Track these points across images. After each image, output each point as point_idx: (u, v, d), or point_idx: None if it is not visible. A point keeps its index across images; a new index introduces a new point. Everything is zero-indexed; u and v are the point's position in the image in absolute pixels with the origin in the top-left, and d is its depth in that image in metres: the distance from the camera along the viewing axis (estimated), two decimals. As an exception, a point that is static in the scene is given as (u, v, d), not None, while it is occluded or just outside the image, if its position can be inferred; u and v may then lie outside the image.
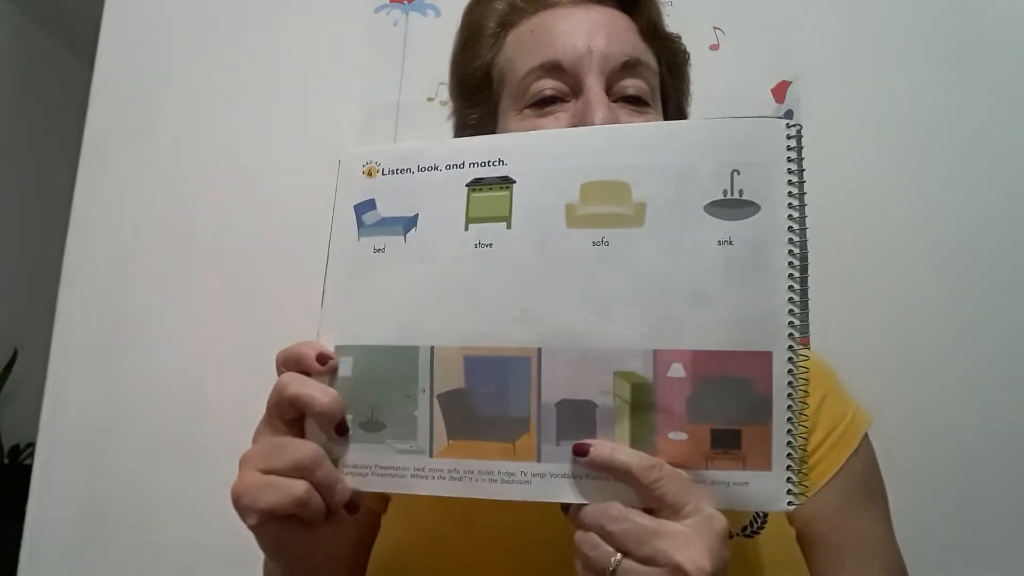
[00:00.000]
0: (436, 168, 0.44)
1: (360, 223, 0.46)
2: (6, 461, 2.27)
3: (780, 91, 0.96)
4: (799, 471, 0.38)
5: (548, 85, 0.55)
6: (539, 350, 0.40)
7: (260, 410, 0.92)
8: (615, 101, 0.54)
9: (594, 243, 0.41)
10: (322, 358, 0.45)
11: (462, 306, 0.42)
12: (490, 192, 0.43)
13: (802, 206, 0.39)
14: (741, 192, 0.40)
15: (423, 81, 0.99)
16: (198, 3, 1.03)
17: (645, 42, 0.58)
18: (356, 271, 0.46)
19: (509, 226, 0.42)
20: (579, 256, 0.41)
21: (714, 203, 0.40)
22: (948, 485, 0.85)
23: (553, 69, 0.55)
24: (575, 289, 0.40)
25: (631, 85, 0.55)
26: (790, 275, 0.39)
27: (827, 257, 0.90)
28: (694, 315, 0.39)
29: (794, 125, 0.40)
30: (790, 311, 0.39)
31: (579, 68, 0.54)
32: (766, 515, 0.51)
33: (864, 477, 0.56)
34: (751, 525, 0.51)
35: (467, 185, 0.43)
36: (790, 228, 0.39)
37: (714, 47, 0.98)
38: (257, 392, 0.94)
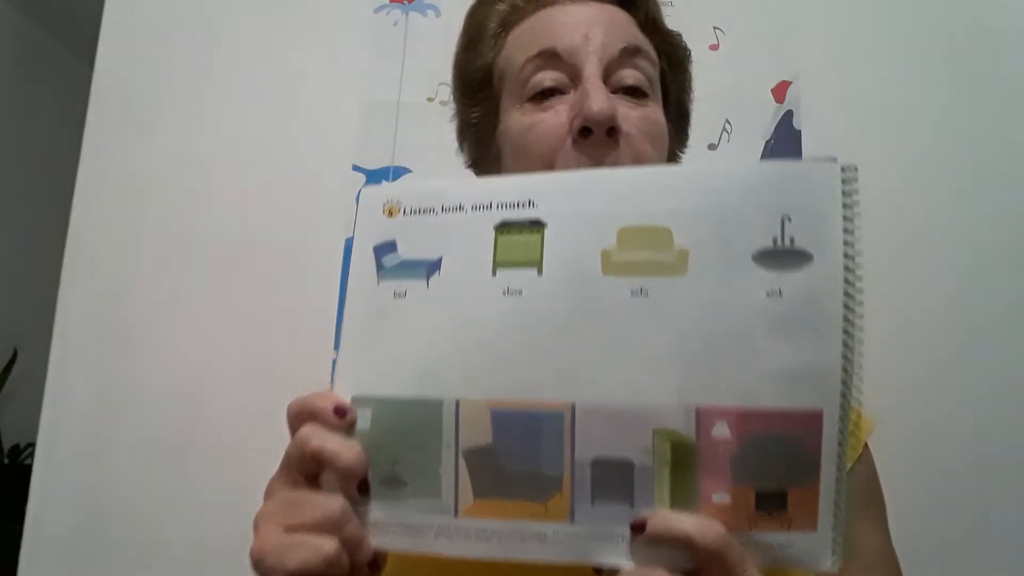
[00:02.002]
0: (461, 209, 0.41)
1: (380, 266, 0.42)
2: (6, 461, 2.27)
3: (780, 91, 0.96)
4: (842, 528, 0.36)
5: (547, 76, 0.54)
6: (573, 405, 0.38)
7: (260, 410, 0.92)
8: (614, 91, 0.54)
9: (632, 292, 0.38)
10: (340, 410, 0.41)
11: (489, 357, 0.39)
12: (520, 235, 0.40)
13: (857, 255, 0.36)
14: (792, 240, 0.37)
15: (423, 81, 0.99)
16: (198, 3, 1.03)
17: (644, 34, 0.57)
18: (374, 317, 0.42)
19: (540, 272, 0.39)
20: (616, 306, 0.38)
21: (763, 252, 0.37)
22: (947, 491, 0.85)
23: (551, 57, 0.54)
24: (612, 341, 0.38)
25: (630, 75, 0.54)
26: (844, 330, 0.36)
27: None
28: (740, 371, 0.36)
29: (850, 167, 0.38)
30: (843, 368, 0.36)
31: (577, 57, 0.53)
32: None
33: (866, 485, 0.56)
34: None
35: (495, 227, 0.40)
36: (846, 280, 0.36)
37: (714, 47, 0.98)
38: (256, 392, 0.95)
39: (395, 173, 0.97)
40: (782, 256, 0.37)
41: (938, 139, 0.94)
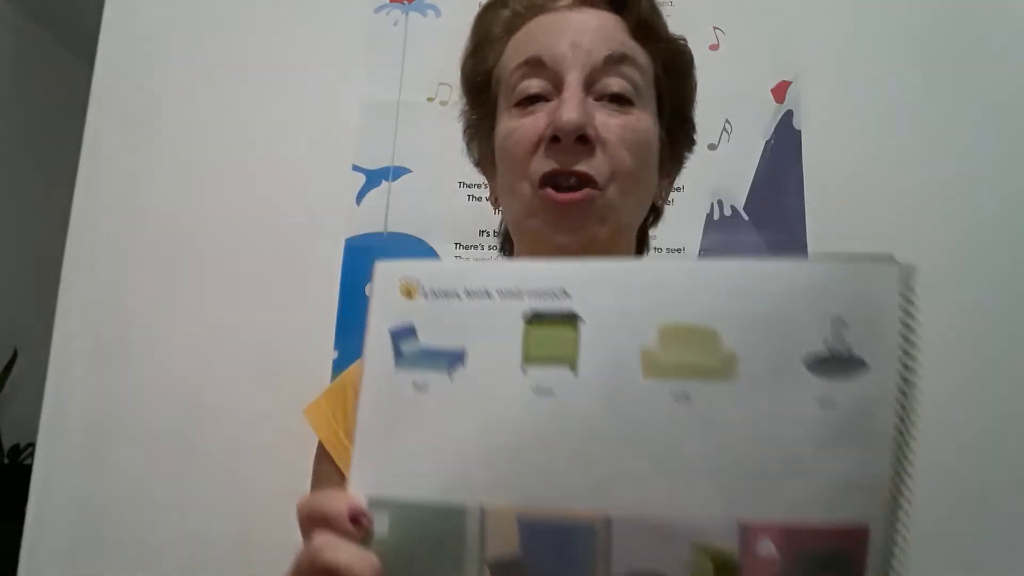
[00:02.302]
0: (487, 295, 0.38)
1: (397, 352, 0.39)
2: (6, 461, 2.27)
3: (780, 91, 0.96)
4: None
5: (532, 83, 0.55)
6: (608, 516, 0.35)
7: (260, 410, 0.93)
8: (598, 99, 0.54)
9: (675, 397, 0.35)
10: (355, 516, 0.38)
11: (518, 461, 0.36)
12: (552, 329, 0.37)
13: (914, 363, 0.34)
14: (849, 348, 0.34)
15: (423, 81, 0.99)
16: (198, 3, 1.03)
17: (636, 41, 0.58)
18: (393, 410, 0.39)
19: (575, 371, 0.36)
20: (657, 412, 0.35)
21: (816, 359, 0.35)
22: (947, 490, 0.85)
23: (536, 65, 0.55)
24: (651, 449, 0.35)
25: (614, 83, 0.55)
26: (897, 443, 0.34)
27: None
28: (787, 484, 0.34)
29: (909, 268, 0.35)
30: (893, 482, 0.34)
31: (560, 65, 0.54)
32: None
33: None
34: None
35: (524, 318, 0.37)
36: (901, 391, 0.34)
37: (714, 47, 0.99)
38: (256, 392, 0.95)
39: (395, 173, 0.97)
40: (836, 363, 0.35)
41: (938, 139, 0.94)
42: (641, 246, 0.68)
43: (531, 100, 0.55)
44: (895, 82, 0.96)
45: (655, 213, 0.67)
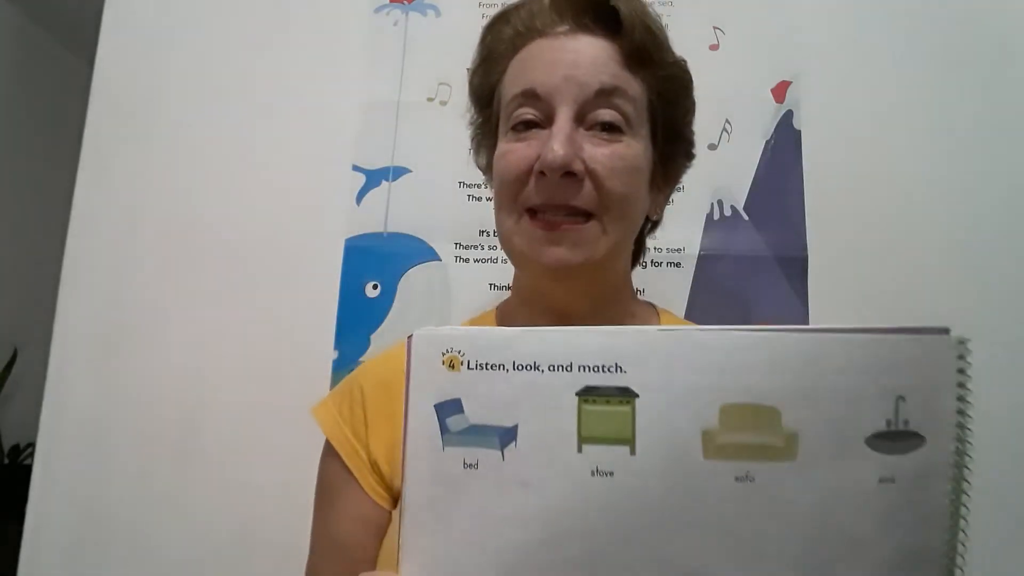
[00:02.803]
0: (537, 368, 0.37)
1: (444, 428, 0.37)
2: (6, 461, 2.27)
3: (780, 91, 0.96)
4: None
5: (527, 111, 0.58)
6: None
7: (260, 411, 0.93)
8: (589, 128, 0.57)
9: (737, 478, 0.35)
10: None
11: (578, 548, 0.35)
12: (607, 406, 0.36)
13: (968, 433, 0.35)
14: (907, 422, 0.35)
15: (423, 81, 0.99)
16: (198, 3, 1.03)
17: (628, 70, 0.59)
18: (442, 491, 0.37)
19: (633, 451, 0.36)
20: (719, 493, 0.35)
21: (877, 435, 0.35)
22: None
23: (531, 96, 0.58)
24: (714, 531, 0.35)
25: (605, 113, 0.57)
26: (951, 512, 0.35)
27: (827, 255, 0.91)
28: (850, 561, 0.34)
29: (963, 340, 0.35)
30: (947, 554, 0.35)
31: (553, 98, 0.57)
32: None
33: None
34: None
35: (577, 394, 0.36)
36: (955, 461, 0.35)
37: (714, 47, 0.99)
38: (257, 392, 0.95)
39: (395, 173, 0.97)
40: (895, 439, 0.35)
41: (938, 139, 0.94)
42: (637, 255, 0.71)
43: (527, 125, 0.58)
44: (895, 82, 0.96)
45: (652, 224, 0.69)
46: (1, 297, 2.35)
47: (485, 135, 0.66)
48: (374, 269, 0.93)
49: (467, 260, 0.94)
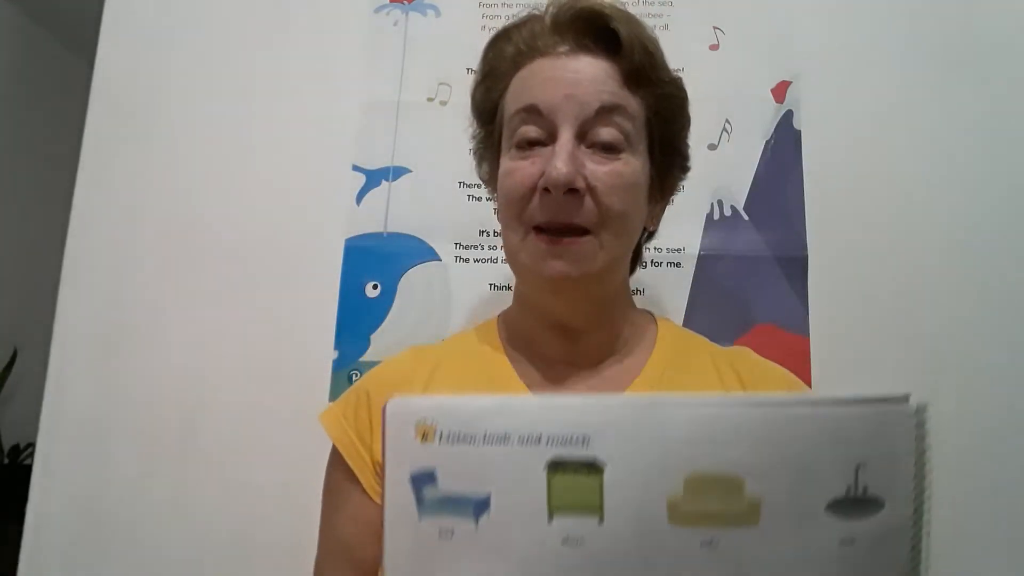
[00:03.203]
0: (507, 440, 0.38)
1: (420, 499, 0.39)
2: (6, 461, 2.27)
3: (780, 91, 0.96)
4: None
5: (530, 129, 0.60)
6: None
7: (260, 411, 0.93)
8: (590, 146, 0.59)
9: (702, 543, 0.36)
10: None
11: None
12: (575, 477, 0.37)
13: (925, 496, 0.36)
14: (866, 489, 0.36)
15: (423, 81, 0.99)
16: (198, 3, 1.03)
17: (627, 89, 0.61)
18: (421, 560, 0.39)
19: (602, 520, 0.37)
20: (684, 558, 0.36)
21: (837, 501, 0.36)
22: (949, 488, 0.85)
23: (533, 112, 0.60)
24: None
25: (605, 132, 0.59)
26: (911, 571, 0.36)
27: (827, 255, 0.91)
28: None
29: (922, 408, 0.37)
30: None
31: (555, 115, 0.59)
32: None
33: None
34: None
35: (547, 467, 0.37)
36: (913, 522, 0.36)
37: (714, 47, 0.99)
38: (256, 392, 0.95)
39: (395, 173, 0.97)
40: (855, 504, 0.36)
41: (938, 139, 0.94)
42: (634, 263, 0.73)
43: (530, 144, 0.60)
44: (895, 82, 0.96)
45: (648, 234, 0.72)
46: (1, 297, 2.35)
47: (487, 148, 0.69)
48: (374, 269, 0.94)
49: (467, 260, 0.94)
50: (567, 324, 0.64)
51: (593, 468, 0.37)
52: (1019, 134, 0.93)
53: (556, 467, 0.37)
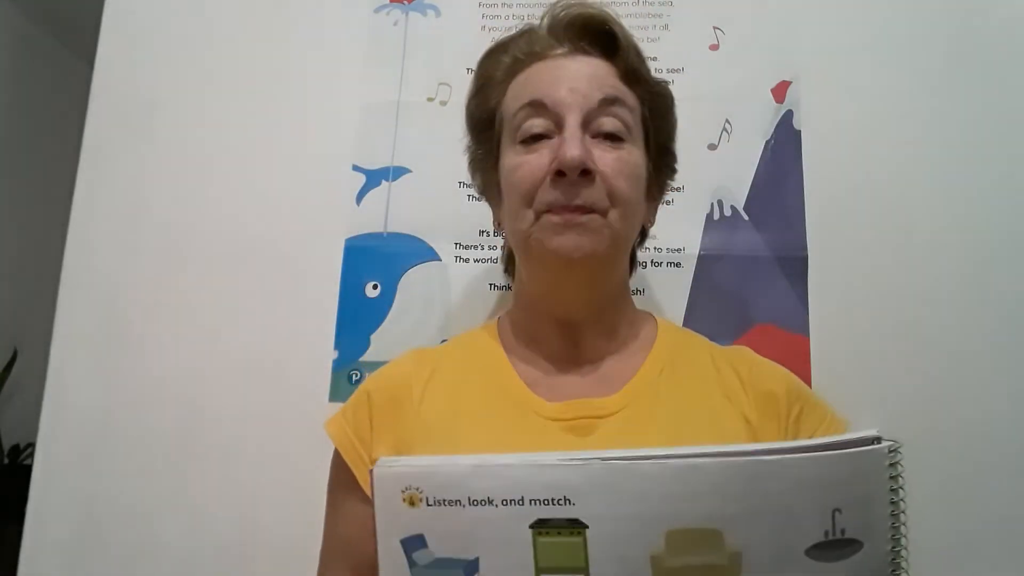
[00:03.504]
0: (491, 503, 0.39)
1: (411, 563, 0.40)
2: (6, 461, 2.27)
3: (780, 91, 0.96)
4: None
5: (535, 123, 0.62)
6: None
7: (259, 411, 0.93)
8: (594, 136, 0.61)
9: None
10: None
11: None
12: (559, 537, 0.38)
13: (902, 533, 0.37)
14: (843, 531, 0.37)
15: (423, 81, 0.99)
16: (198, 3, 1.03)
17: (625, 85, 0.64)
18: None
19: None
20: None
21: (815, 546, 0.37)
22: (950, 489, 0.85)
23: (538, 106, 0.62)
24: None
25: (608, 122, 0.62)
26: None
27: (827, 255, 0.91)
28: None
29: (894, 446, 0.37)
30: None
31: (560, 108, 0.61)
32: None
33: None
34: None
35: (531, 528, 0.38)
36: (892, 558, 0.37)
37: (714, 47, 0.99)
38: (256, 392, 0.95)
39: (395, 173, 0.97)
40: (833, 547, 0.37)
41: (938, 139, 0.94)
42: (632, 264, 0.74)
43: (535, 139, 0.62)
44: (895, 82, 0.96)
45: (642, 234, 0.74)
46: (1, 297, 2.35)
47: (485, 158, 0.70)
48: (374, 269, 0.93)
49: (467, 260, 0.94)
50: (569, 319, 0.65)
51: (576, 528, 0.38)
52: (1019, 134, 0.93)
53: (540, 527, 0.38)
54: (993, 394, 0.87)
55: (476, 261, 0.93)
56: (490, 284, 0.92)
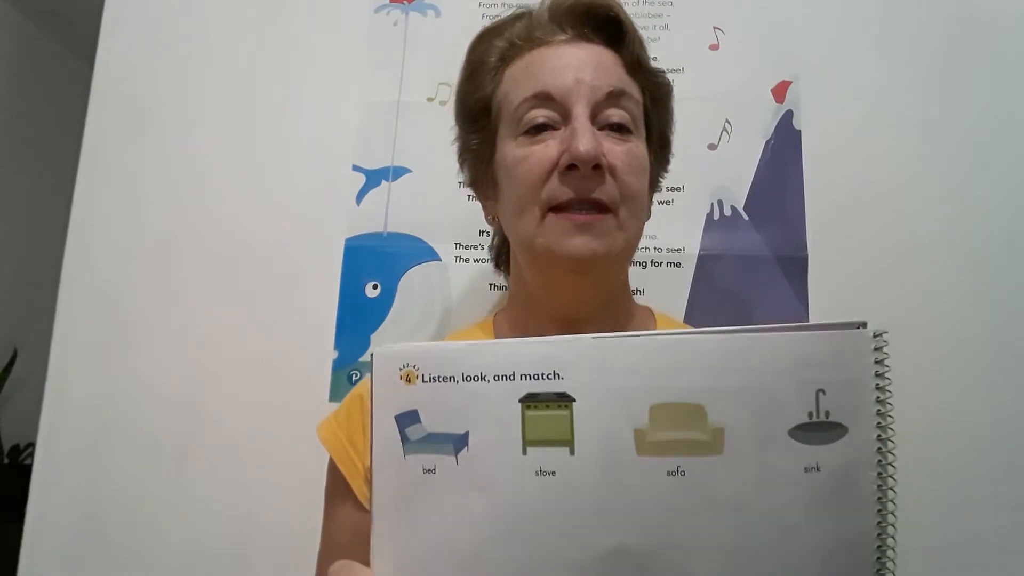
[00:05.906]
0: (483, 378, 0.40)
1: (404, 437, 0.41)
2: (6, 461, 2.27)
3: (780, 91, 0.96)
4: None
5: (540, 114, 0.59)
6: None
7: (259, 411, 0.93)
8: (601, 129, 0.59)
9: (668, 472, 0.38)
10: None
11: (527, 543, 0.38)
12: (547, 411, 0.39)
13: (888, 423, 0.37)
14: (828, 414, 0.37)
15: (423, 81, 0.99)
16: (198, 3, 1.03)
17: (629, 75, 0.62)
18: (405, 494, 0.41)
19: (572, 451, 0.38)
20: (653, 487, 0.38)
21: (799, 427, 0.37)
22: (950, 488, 0.85)
23: (545, 99, 0.59)
24: (650, 522, 0.38)
25: (615, 114, 0.60)
26: (879, 498, 0.37)
27: (827, 255, 0.91)
28: (781, 549, 0.37)
29: (880, 333, 0.38)
30: (879, 535, 0.37)
31: (567, 98, 0.59)
32: None
33: None
34: None
35: (521, 401, 0.39)
36: (879, 449, 0.37)
37: (714, 47, 0.99)
38: (256, 392, 0.95)
39: (395, 173, 0.97)
40: (817, 429, 0.37)
41: (938, 139, 0.94)
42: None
43: (538, 129, 0.60)
44: (895, 82, 0.96)
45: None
46: (1, 297, 2.35)
47: (482, 147, 0.66)
48: (374, 269, 0.94)
49: (467, 260, 0.94)
50: (571, 317, 0.63)
51: (564, 401, 0.39)
52: (1019, 134, 0.93)
53: (529, 401, 0.39)
54: (993, 394, 0.87)
55: (476, 261, 0.93)
56: (490, 284, 0.92)
